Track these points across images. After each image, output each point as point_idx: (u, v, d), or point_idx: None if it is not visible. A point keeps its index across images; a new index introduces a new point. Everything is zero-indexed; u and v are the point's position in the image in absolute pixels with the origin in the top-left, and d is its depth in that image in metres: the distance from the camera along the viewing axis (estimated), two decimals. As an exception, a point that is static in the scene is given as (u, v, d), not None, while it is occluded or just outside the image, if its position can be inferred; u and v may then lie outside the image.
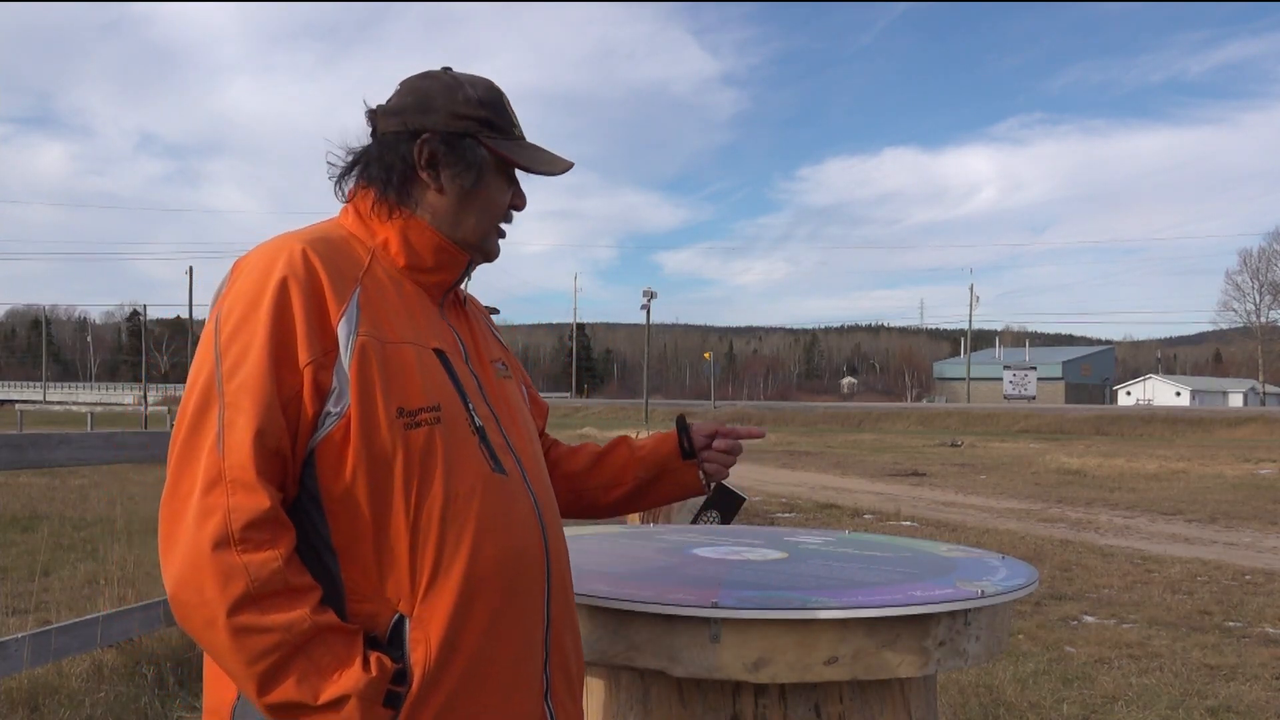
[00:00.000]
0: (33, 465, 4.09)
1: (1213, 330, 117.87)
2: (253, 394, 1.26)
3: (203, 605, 1.20)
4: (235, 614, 1.19)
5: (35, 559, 7.51)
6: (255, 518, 1.22)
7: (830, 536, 2.60)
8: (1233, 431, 38.73)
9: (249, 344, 1.28)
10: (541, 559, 1.45)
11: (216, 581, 1.20)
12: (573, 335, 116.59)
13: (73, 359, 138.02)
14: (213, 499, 1.22)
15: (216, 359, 1.29)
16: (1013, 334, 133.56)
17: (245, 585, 1.20)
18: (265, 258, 1.35)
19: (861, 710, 1.83)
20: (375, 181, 1.45)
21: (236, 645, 1.20)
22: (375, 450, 1.29)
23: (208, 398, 1.28)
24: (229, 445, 1.24)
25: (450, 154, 1.45)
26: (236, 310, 1.31)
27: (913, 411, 56.46)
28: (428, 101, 1.46)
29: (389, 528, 1.30)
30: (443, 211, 1.46)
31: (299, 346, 1.29)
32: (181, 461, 1.27)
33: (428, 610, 1.31)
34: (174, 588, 1.22)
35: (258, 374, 1.26)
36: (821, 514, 12.02)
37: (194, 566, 1.21)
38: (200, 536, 1.21)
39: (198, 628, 1.22)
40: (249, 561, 1.20)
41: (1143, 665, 5.24)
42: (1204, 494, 14.80)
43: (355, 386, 1.29)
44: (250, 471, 1.23)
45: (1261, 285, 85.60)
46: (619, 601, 1.75)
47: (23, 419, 36.43)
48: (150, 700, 4.26)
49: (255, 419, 1.25)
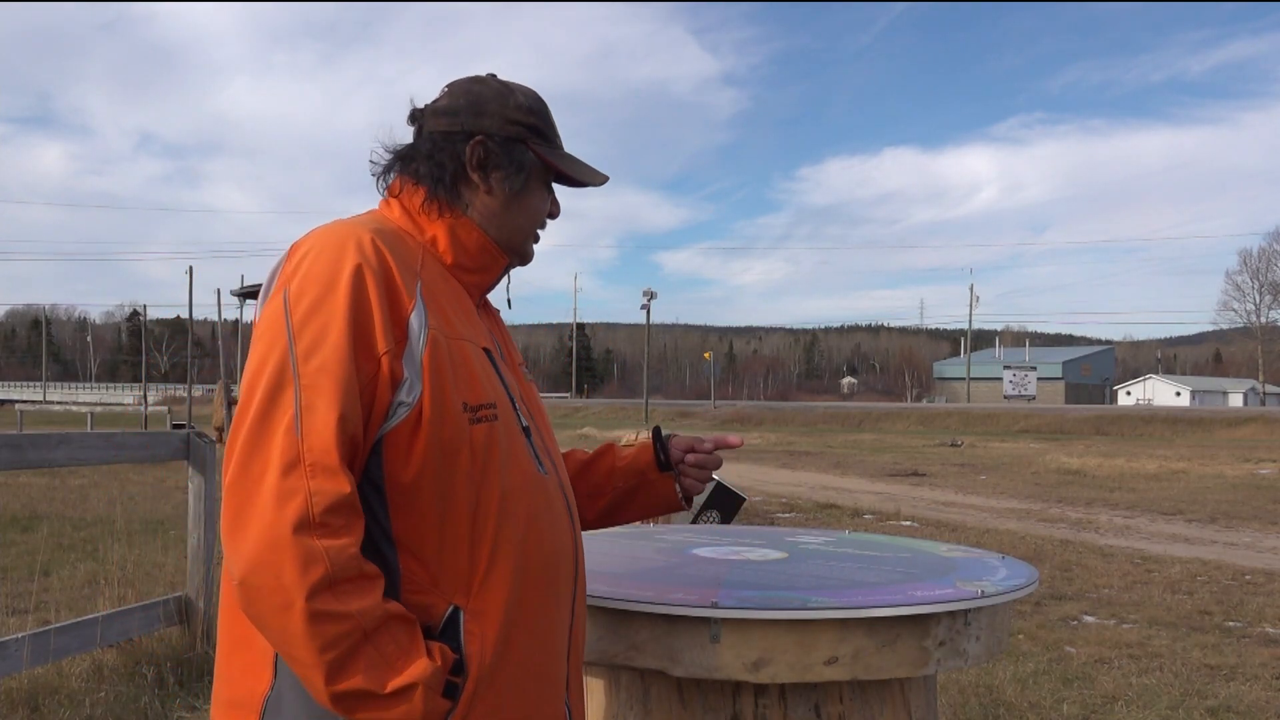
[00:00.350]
0: (33, 465, 4.10)
1: (1213, 330, 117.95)
2: (333, 377, 1.24)
3: (279, 589, 1.17)
4: (313, 599, 1.17)
5: (35, 559, 7.51)
6: (336, 502, 1.20)
7: (830, 536, 2.60)
8: (1233, 431, 38.72)
9: (326, 326, 1.26)
10: (573, 558, 1.48)
11: (296, 565, 1.17)
12: (573, 335, 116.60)
13: (73, 359, 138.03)
14: (292, 481, 1.20)
15: (290, 340, 1.26)
16: (1013, 334, 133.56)
17: (325, 570, 1.17)
18: (334, 242, 1.33)
19: (861, 710, 1.83)
20: (425, 179, 1.47)
21: (311, 631, 1.17)
22: (444, 442, 1.30)
23: (281, 378, 1.25)
24: (308, 428, 1.22)
25: (502, 157, 1.48)
26: (310, 292, 1.29)
27: (913, 411, 56.45)
28: (481, 105, 1.49)
29: (449, 520, 1.31)
30: (490, 213, 1.49)
31: (377, 334, 1.28)
32: (253, 442, 1.23)
33: (482, 603, 1.32)
34: (246, 570, 1.18)
35: (338, 357, 1.25)
36: (821, 514, 12.02)
37: (272, 549, 1.17)
38: (280, 519, 1.18)
39: (269, 611, 1.18)
40: (329, 546, 1.18)
41: (1143, 665, 5.23)
42: (1204, 494, 14.80)
43: (428, 378, 1.30)
44: (333, 455, 1.22)
45: (1261, 285, 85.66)
46: (619, 601, 1.75)
47: (23, 419, 36.41)
48: (150, 700, 4.26)
49: (338, 402, 1.24)
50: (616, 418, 52.55)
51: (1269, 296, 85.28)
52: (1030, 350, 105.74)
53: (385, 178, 1.51)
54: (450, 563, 1.31)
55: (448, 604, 1.31)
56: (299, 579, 1.16)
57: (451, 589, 1.31)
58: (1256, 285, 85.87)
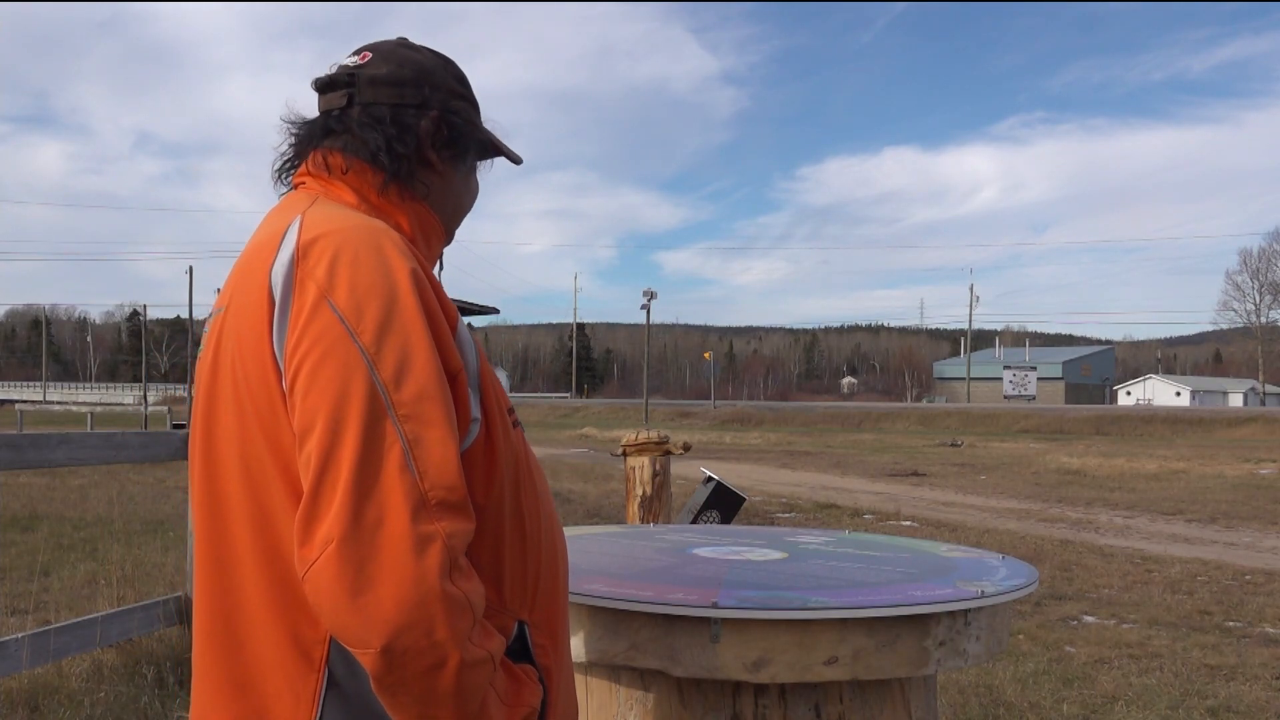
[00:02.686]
0: (33, 465, 4.09)
1: (1213, 330, 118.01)
2: (437, 403, 1.09)
3: (431, 649, 1.02)
4: (467, 650, 1.04)
5: (35, 559, 7.51)
6: (467, 541, 1.08)
7: (830, 536, 2.60)
8: (1233, 431, 38.73)
9: (408, 346, 1.10)
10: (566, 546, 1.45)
11: (448, 618, 1.02)
12: (573, 335, 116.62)
13: (73, 359, 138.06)
14: (425, 527, 1.04)
15: (369, 363, 1.08)
16: (1013, 334, 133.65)
17: (472, 617, 1.05)
18: (366, 242, 1.15)
19: (861, 710, 1.83)
20: (380, 159, 1.30)
21: (460, 685, 1.04)
22: (508, 455, 1.23)
23: (374, 409, 1.06)
24: (425, 463, 1.06)
25: (458, 135, 1.36)
26: (372, 305, 1.10)
27: (913, 411, 56.45)
28: (428, 76, 1.35)
29: (515, 535, 1.24)
30: (443, 194, 1.37)
31: (448, 349, 1.15)
32: (361, 487, 1.04)
33: (542, 614, 1.27)
34: (390, 636, 1.01)
35: (435, 379, 1.10)
36: (821, 514, 12.02)
37: (420, 605, 1.01)
38: (424, 571, 1.02)
39: (415, 676, 1.03)
40: (470, 590, 1.06)
41: (1143, 665, 5.23)
42: (1204, 494, 14.80)
43: (486, 389, 1.21)
44: (460, 490, 1.08)
45: (1261, 285, 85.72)
46: (619, 601, 1.75)
47: (23, 419, 36.40)
48: (150, 700, 4.25)
49: (451, 431, 1.09)
50: (616, 418, 52.56)
51: (1269, 296, 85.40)
52: (1030, 350, 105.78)
53: (302, 154, 1.34)
54: (515, 578, 1.25)
55: (514, 621, 1.24)
56: (451, 633, 1.03)
57: (516, 604, 1.24)
58: (1256, 285, 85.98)
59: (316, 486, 1.05)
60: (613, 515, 10.88)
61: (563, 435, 36.09)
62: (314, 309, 1.10)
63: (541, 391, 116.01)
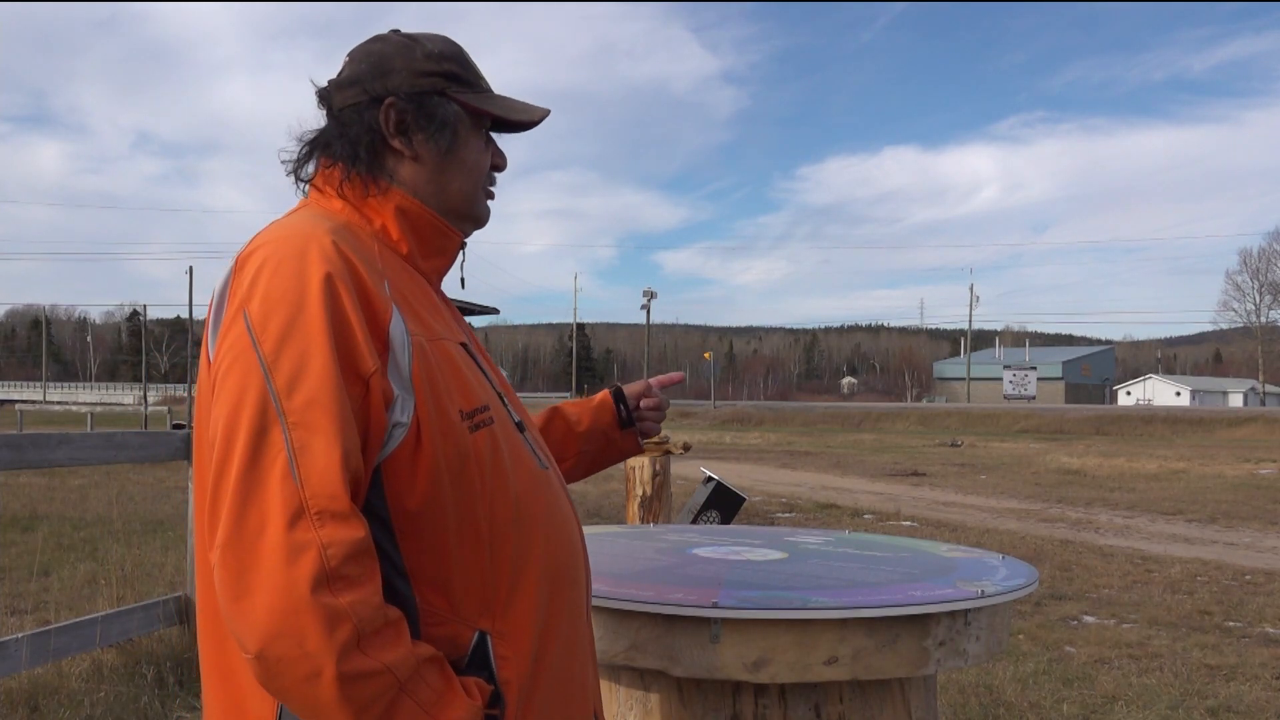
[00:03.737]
0: (33, 465, 4.09)
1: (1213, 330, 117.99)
2: (327, 410, 1.09)
3: (304, 658, 1.02)
4: (344, 661, 1.03)
5: (35, 559, 7.52)
6: (352, 551, 1.06)
7: (830, 536, 2.60)
8: (1233, 431, 38.74)
9: (305, 352, 1.11)
10: (583, 553, 1.40)
11: (321, 628, 1.02)
12: (573, 335, 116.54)
13: (73, 359, 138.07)
14: (300, 535, 1.04)
15: (265, 372, 1.10)
16: (1013, 334, 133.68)
17: (353, 628, 1.04)
18: (292, 250, 1.17)
19: (861, 710, 1.83)
20: (342, 158, 1.32)
21: (345, 697, 1.04)
22: (448, 460, 1.18)
23: (264, 418, 1.09)
24: (307, 471, 1.07)
25: (420, 115, 1.33)
26: (277, 314, 1.13)
27: (913, 411, 56.45)
28: (385, 64, 1.34)
29: (464, 541, 1.21)
30: (422, 180, 1.34)
31: (362, 353, 1.14)
32: (244, 496, 1.07)
33: (509, 623, 1.23)
34: (263, 643, 1.03)
35: (329, 387, 1.10)
36: (821, 514, 12.02)
37: (290, 614, 1.02)
38: (294, 579, 1.03)
39: (293, 684, 1.04)
40: (352, 601, 1.05)
41: (1143, 665, 5.23)
42: (1204, 494, 14.80)
43: (420, 392, 1.18)
44: (342, 499, 1.07)
45: (1261, 285, 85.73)
46: (619, 601, 1.75)
47: (23, 419, 36.41)
48: (150, 700, 4.25)
49: (338, 439, 1.09)
50: (616, 418, 52.45)
51: (1269, 296, 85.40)
52: (1030, 350, 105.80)
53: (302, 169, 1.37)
54: (470, 586, 1.21)
55: (473, 631, 1.21)
56: (326, 643, 1.03)
57: (474, 613, 1.21)
58: (1256, 285, 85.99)
59: (215, 492, 1.09)
60: (613, 515, 10.88)
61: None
62: (233, 319, 1.15)
63: (542, 391, 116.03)
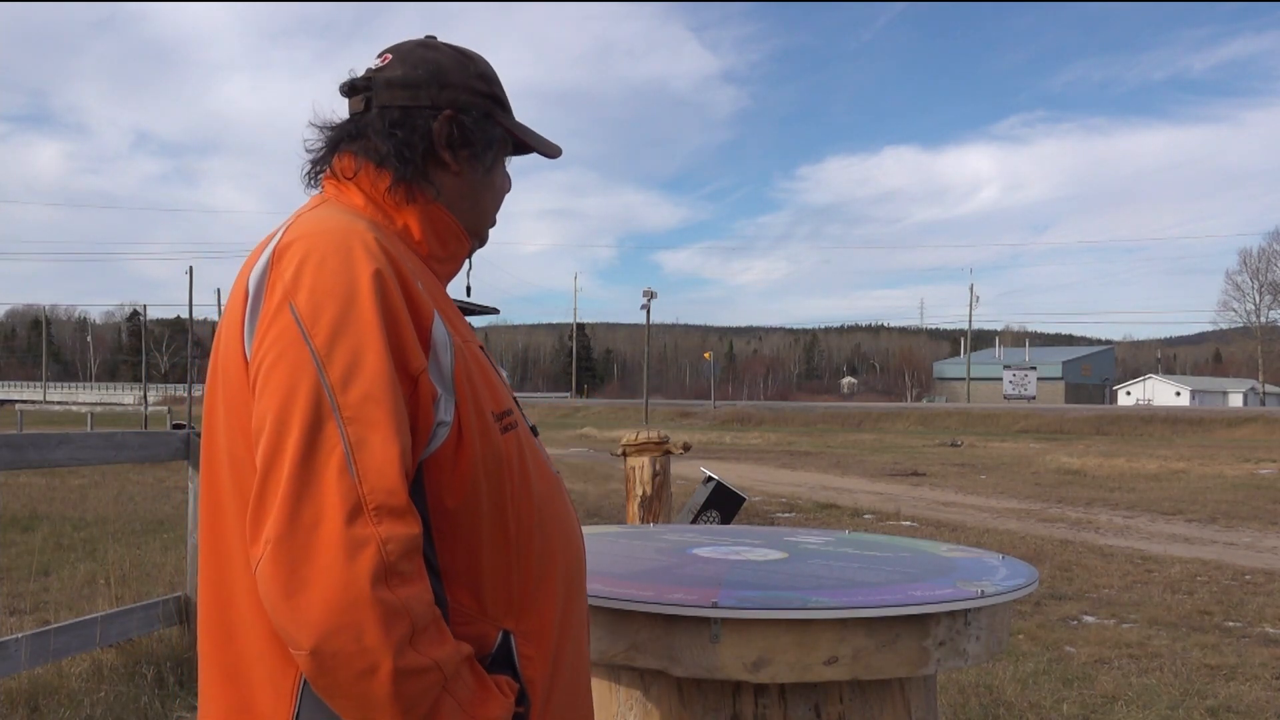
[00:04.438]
0: (33, 465, 4.09)
1: (1213, 330, 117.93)
2: (384, 405, 1.10)
3: (362, 653, 1.02)
4: (401, 657, 1.04)
5: (35, 559, 7.52)
6: (409, 546, 1.07)
7: (830, 536, 2.60)
8: (1233, 431, 38.75)
9: (360, 347, 1.11)
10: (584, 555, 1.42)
11: (379, 623, 1.02)
12: (573, 335, 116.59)
13: (73, 359, 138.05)
14: (360, 530, 1.04)
15: (318, 366, 1.10)
16: (1013, 334, 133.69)
17: (409, 624, 1.05)
18: (336, 246, 1.17)
19: (861, 710, 1.83)
20: (390, 161, 1.31)
21: (397, 693, 1.04)
22: (485, 461, 1.20)
23: (318, 412, 1.08)
24: (365, 467, 1.07)
25: (474, 133, 1.35)
26: (328, 307, 1.12)
27: (913, 411, 56.47)
28: (445, 75, 1.35)
29: (494, 542, 1.22)
30: (460, 195, 1.36)
31: (411, 350, 1.15)
32: (299, 490, 1.06)
33: (532, 623, 1.25)
34: (319, 639, 1.02)
35: (384, 382, 1.10)
36: (821, 514, 12.02)
37: (349, 609, 1.02)
38: (354, 574, 1.03)
39: (347, 680, 1.03)
40: (409, 596, 1.05)
41: (1143, 665, 5.23)
42: (1204, 494, 14.80)
43: (461, 392, 1.19)
44: (401, 495, 1.07)
45: (1261, 285, 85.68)
46: (619, 601, 1.75)
47: (23, 419, 36.42)
48: (150, 700, 4.25)
49: (395, 434, 1.09)
50: (616, 418, 52.57)
51: (1269, 296, 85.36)
52: (1030, 350, 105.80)
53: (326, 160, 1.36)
54: (497, 585, 1.23)
55: (498, 630, 1.22)
56: (384, 638, 1.03)
57: (500, 613, 1.23)
58: (1256, 285, 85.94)
59: (262, 486, 1.08)
60: (613, 515, 10.88)
61: (563, 435, 36.09)
62: (277, 311, 1.13)
63: (542, 391, 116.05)
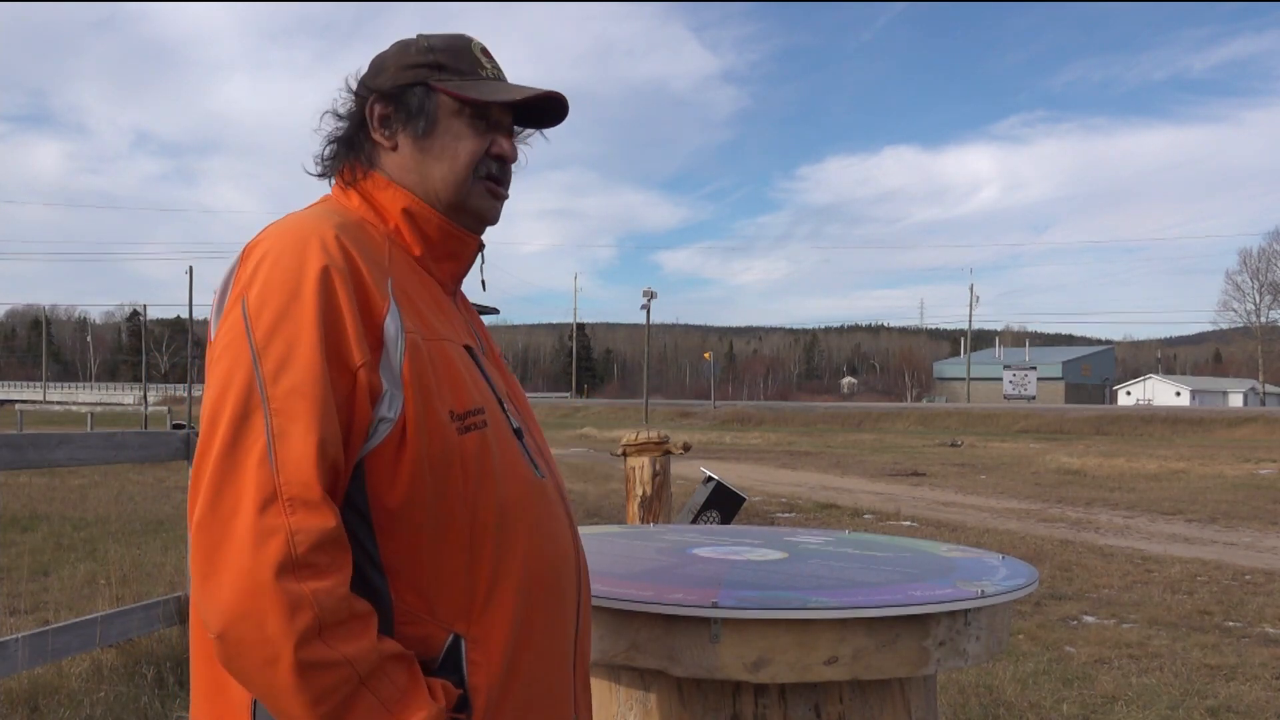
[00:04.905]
0: (33, 465, 4.09)
1: (1213, 330, 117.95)
2: (309, 399, 1.12)
3: (264, 641, 1.05)
4: (302, 648, 1.05)
5: (35, 559, 7.52)
6: (321, 539, 1.09)
7: (830, 536, 2.60)
8: (1233, 431, 38.74)
9: (294, 341, 1.14)
10: (575, 566, 1.38)
11: (281, 613, 1.05)
12: (573, 335, 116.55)
13: (73, 359, 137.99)
14: (270, 520, 1.08)
15: (254, 358, 1.14)
16: (1013, 334, 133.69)
17: (314, 615, 1.06)
18: (293, 243, 1.21)
19: (861, 710, 1.83)
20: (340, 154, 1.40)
21: (302, 684, 1.06)
22: (433, 459, 1.19)
23: (248, 403, 1.12)
24: (283, 458, 1.10)
25: (398, 106, 1.37)
26: (272, 301, 1.16)
27: (913, 411, 56.46)
28: (380, 65, 1.40)
29: (444, 542, 1.21)
30: (404, 168, 1.37)
31: (351, 345, 1.17)
32: (221, 477, 1.11)
33: (485, 629, 1.23)
34: (225, 623, 1.06)
35: (312, 376, 1.13)
36: (821, 514, 12.02)
37: (252, 596, 1.05)
38: (259, 563, 1.06)
39: (253, 666, 1.07)
40: (316, 589, 1.07)
41: (1143, 665, 5.23)
42: (1204, 494, 14.80)
43: (410, 389, 1.19)
44: (315, 488, 1.10)
45: (1261, 285, 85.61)
46: (619, 601, 1.75)
47: (23, 419, 36.42)
48: (150, 700, 4.25)
49: (315, 427, 1.12)
50: (616, 418, 52.56)
51: (1269, 296, 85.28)
52: (1030, 350, 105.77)
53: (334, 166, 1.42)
54: (447, 588, 1.22)
55: (447, 633, 1.21)
56: (286, 628, 1.05)
57: (450, 616, 1.21)
58: (1256, 285, 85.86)
59: (196, 473, 1.14)
60: (613, 515, 10.88)
61: (563, 435, 36.08)
62: (231, 306, 1.20)
63: (541, 391, 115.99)
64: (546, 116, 1.46)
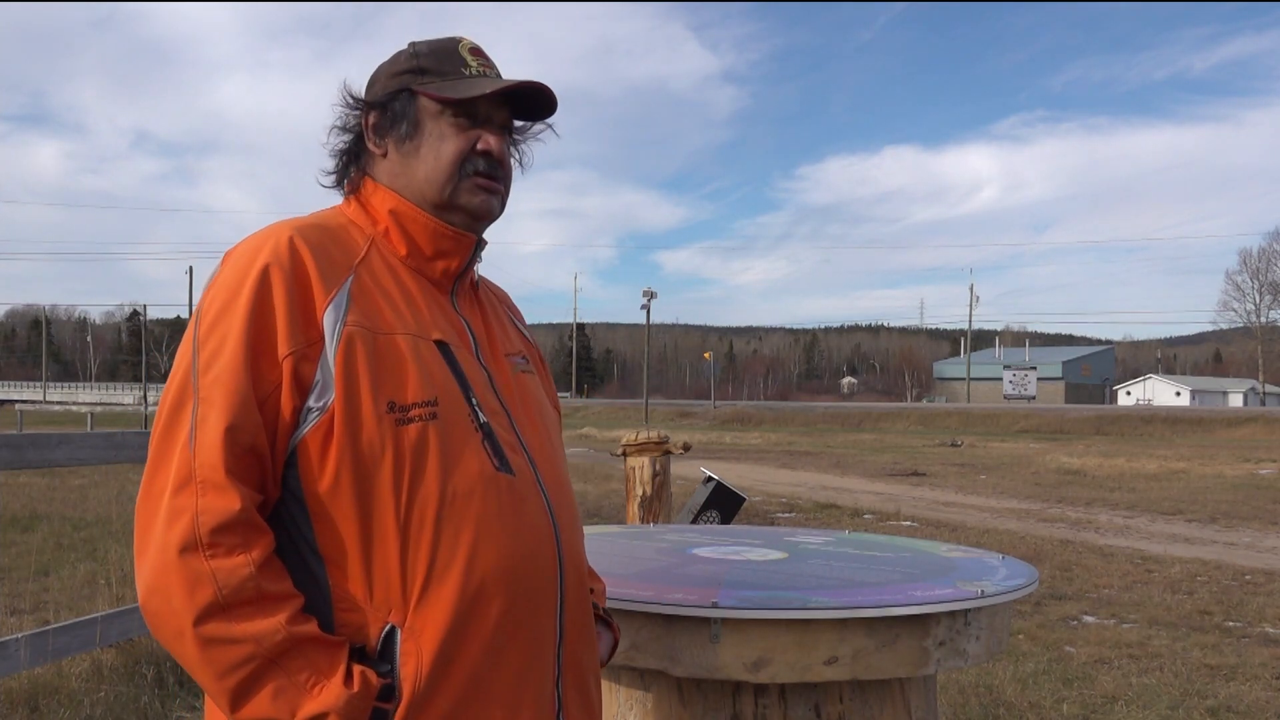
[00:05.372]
0: (33, 465, 4.09)
1: (1213, 330, 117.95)
2: (225, 388, 1.20)
3: (171, 615, 1.14)
4: (202, 624, 1.13)
5: (35, 559, 7.52)
6: (224, 520, 1.16)
7: (830, 536, 2.60)
8: (1233, 431, 38.73)
9: (225, 336, 1.23)
10: (554, 564, 1.35)
11: (183, 589, 1.13)
12: (573, 335, 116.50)
13: (73, 359, 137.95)
14: (181, 500, 1.16)
15: (194, 352, 1.24)
16: (1013, 334, 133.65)
17: (213, 593, 1.13)
18: (251, 247, 1.30)
19: (861, 710, 1.83)
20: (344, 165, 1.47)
21: (205, 657, 1.14)
22: (361, 448, 1.22)
23: (183, 393, 1.23)
24: (200, 443, 1.18)
25: (385, 115, 1.42)
26: (218, 301, 1.26)
27: (913, 411, 56.46)
28: (373, 79, 1.46)
29: (378, 531, 1.23)
30: (392, 172, 1.42)
31: (279, 337, 1.23)
32: (155, 460, 1.21)
33: (421, 620, 1.23)
34: (144, 595, 1.16)
35: (232, 367, 1.21)
36: (821, 514, 12.01)
37: (162, 572, 1.15)
38: (168, 540, 1.15)
39: (168, 638, 1.16)
40: (217, 568, 1.14)
41: (1143, 665, 5.23)
42: (1204, 494, 14.79)
43: (340, 379, 1.23)
44: (219, 471, 1.17)
45: (1261, 285, 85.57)
46: (619, 601, 1.75)
47: (23, 419, 36.42)
48: (150, 700, 4.25)
49: (227, 414, 1.19)
50: (616, 418, 52.56)
51: (1269, 296, 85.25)
52: (1030, 350, 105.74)
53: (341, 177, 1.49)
54: (382, 578, 1.23)
55: (383, 622, 1.23)
56: (186, 603, 1.13)
57: (386, 606, 1.23)
58: (1256, 285, 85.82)
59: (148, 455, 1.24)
60: (613, 515, 10.88)
61: (563, 435, 36.05)
62: (197, 305, 1.30)
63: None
64: (538, 109, 1.46)
